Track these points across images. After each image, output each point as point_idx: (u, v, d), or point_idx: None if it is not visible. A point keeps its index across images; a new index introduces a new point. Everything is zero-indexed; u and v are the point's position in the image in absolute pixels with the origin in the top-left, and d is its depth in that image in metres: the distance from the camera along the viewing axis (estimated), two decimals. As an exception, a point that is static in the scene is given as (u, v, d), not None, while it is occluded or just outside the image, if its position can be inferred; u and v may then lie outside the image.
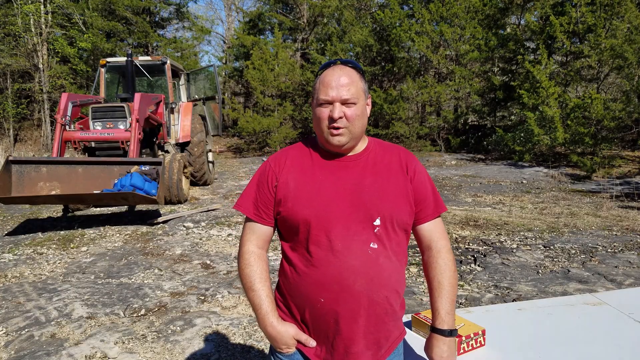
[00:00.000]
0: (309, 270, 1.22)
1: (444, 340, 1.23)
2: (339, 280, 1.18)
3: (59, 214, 6.98)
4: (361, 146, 1.31)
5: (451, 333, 1.24)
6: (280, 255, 1.36)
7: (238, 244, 1.35)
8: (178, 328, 3.15)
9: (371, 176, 1.26)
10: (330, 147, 1.26)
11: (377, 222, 1.22)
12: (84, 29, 18.13)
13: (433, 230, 1.32)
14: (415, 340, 1.48)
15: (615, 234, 5.43)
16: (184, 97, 9.88)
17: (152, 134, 8.03)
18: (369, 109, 1.30)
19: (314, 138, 1.35)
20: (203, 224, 6.15)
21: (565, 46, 12.81)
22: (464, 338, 1.38)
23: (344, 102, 1.21)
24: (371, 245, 1.21)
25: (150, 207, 7.07)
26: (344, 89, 1.20)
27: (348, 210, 1.21)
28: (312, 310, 1.22)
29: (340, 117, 1.20)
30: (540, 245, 5.02)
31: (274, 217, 1.30)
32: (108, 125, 7.08)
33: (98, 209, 7.26)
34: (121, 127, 6.99)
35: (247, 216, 1.31)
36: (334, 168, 1.27)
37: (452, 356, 1.23)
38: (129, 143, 6.46)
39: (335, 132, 1.21)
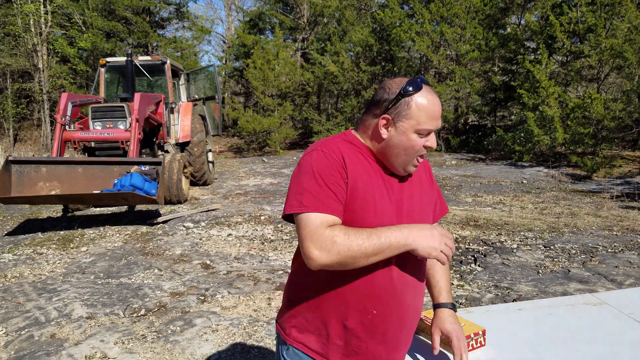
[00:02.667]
0: (362, 282, 1.14)
1: (452, 313, 1.32)
2: (393, 293, 1.16)
3: (59, 214, 6.98)
4: None
5: (454, 307, 1.35)
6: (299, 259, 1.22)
7: (309, 246, 1.04)
8: (178, 328, 3.15)
9: (417, 188, 1.25)
10: (397, 172, 1.20)
11: None
12: (83, 28, 18.13)
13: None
14: (416, 341, 1.48)
15: (616, 234, 5.43)
16: (183, 97, 9.88)
17: (152, 134, 8.02)
18: None
19: (354, 137, 1.22)
20: (203, 224, 6.15)
21: (565, 46, 12.81)
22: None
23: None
24: (418, 257, 1.18)
25: (150, 207, 7.07)
26: (439, 118, 1.17)
27: (403, 221, 1.18)
28: (358, 321, 1.16)
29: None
30: (541, 245, 5.01)
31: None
32: (108, 125, 7.08)
33: (98, 209, 7.26)
34: (121, 127, 6.99)
35: (326, 213, 1.06)
36: (388, 177, 1.20)
37: (460, 327, 1.32)
38: (128, 143, 6.46)
39: (418, 161, 1.18)
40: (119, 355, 2.79)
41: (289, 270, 4.35)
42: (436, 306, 1.34)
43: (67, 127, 6.54)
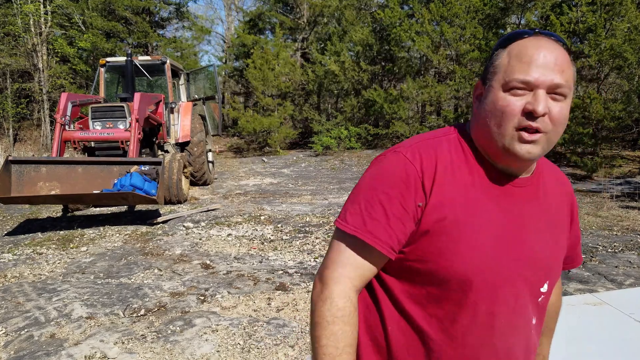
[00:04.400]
0: (448, 348, 0.83)
1: None
2: None
3: (59, 214, 6.97)
4: (533, 165, 0.89)
5: None
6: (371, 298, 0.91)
7: (321, 274, 0.87)
8: (178, 328, 3.14)
9: (542, 214, 0.87)
10: (507, 161, 0.82)
11: (545, 288, 0.89)
12: (83, 28, 18.13)
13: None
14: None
15: (616, 234, 5.43)
16: (183, 97, 9.88)
17: (152, 134, 8.02)
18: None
19: (466, 133, 0.89)
20: (203, 224, 6.15)
21: (565, 46, 12.79)
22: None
23: (553, 90, 0.77)
24: (532, 321, 0.88)
25: (150, 207, 7.07)
26: (557, 69, 0.76)
27: (518, 269, 0.83)
28: None
29: (544, 114, 0.76)
30: (541, 245, 5.01)
31: (400, 249, 0.84)
32: (108, 125, 7.07)
33: (98, 209, 7.25)
34: (121, 127, 6.98)
35: (369, 243, 0.82)
36: (500, 194, 0.84)
37: None
38: (128, 143, 6.46)
39: (528, 136, 0.77)
40: (119, 355, 2.78)
41: (289, 270, 4.32)
42: None
43: (66, 127, 6.54)
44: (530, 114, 0.76)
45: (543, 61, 0.76)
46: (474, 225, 0.81)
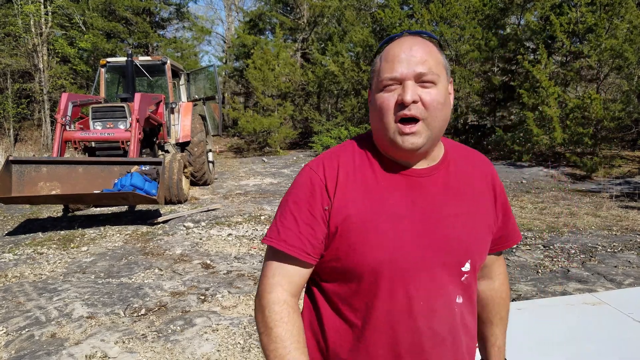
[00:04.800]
0: (373, 336, 0.89)
1: None
2: (418, 352, 0.89)
3: (59, 214, 6.98)
4: (438, 153, 0.95)
5: None
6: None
7: (257, 290, 0.94)
8: (178, 328, 3.15)
9: (456, 199, 0.92)
10: (398, 154, 0.90)
11: (467, 267, 0.92)
12: (84, 29, 18.14)
13: (499, 257, 1.09)
14: None
15: (615, 234, 5.44)
16: (184, 97, 9.89)
17: (152, 134, 8.03)
18: (451, 98, 0.92)
19: (369, 138, 0.97)
20: (203, 223, 6.15)
21: (565, 46, 12.81)
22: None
23: (419, 79, 0.85)
24: (457, 300, 0.92)
25: (151, 207, 7.07)
26: (417, 60, 0.84)
27: (432, 252, 0.88)
28: None
29: (415, 102, 0.84)
30: (540, 245, 5.02)
31: (319, 253, 0.91)
32: (108, 125, 7.08)
33: (98, 208, 7.26)
34: (121, 127, 6.99)
35: (283, 251, 0.90)
36: (405, 186, 0.90)
37: None
38: (129, 143, 6.46)
39: (407, 128, 0.85)
40: (120, 355, 2.79)
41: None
42: None
43: (67, 127, 6.54)
44: (402, 104, 0.84)
45: (405, 56, 0.85)
46: (379, 219, 0.87)
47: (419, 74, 0.84)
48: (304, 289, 1.00)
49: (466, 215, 0.93)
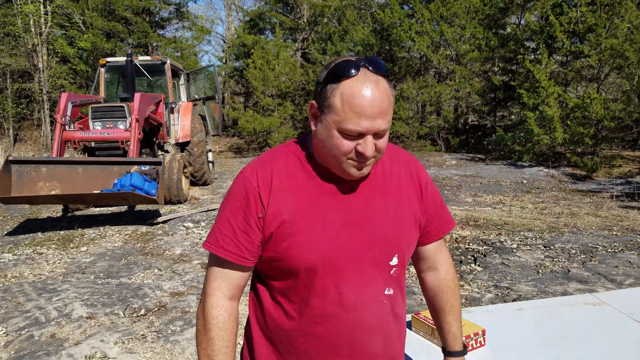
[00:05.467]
0: (309, 328, 0.96)
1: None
2: (350, 341, 0.96)
3: (59, 214, 6.98)
4: None
5: (465, 349, 1.19)
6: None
7: (202, 291, 1.01)
8: (178, 328, 3.15)
9: (382, 198, 0.99)
10: (343, 175, 0.94)
11: (395, 261, 0.99)
12: (83, 29, 18.14)
13: (440, 247, 1.14)
14: (415, 340, 1.48)
15: (616, 234, 5.43)
16: (183, 97, 9.88)
17: (152, 134, 8.02)
18: None
19: (303, 142, 1.01)
20: (203, 224, 6.15)
21: (565, 46, 12.81)
22: (464, 338, 1.37)
23: (377, 133, 0.88)
24: (386, 292, 0.99)
25: (150, 207, 7.07)
26: (381, 116, 0.86)
27: (361, 250, 0.95)
28: None
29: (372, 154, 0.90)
30: (541, 245, 5.01)
31: (257, 255, 0.97)
32: (108, 125, 7.08)
33: (98, 209, 7.26)
34: (121, 127, 6.99)
35: (221, 257, 0.95)
36: (336, 189, 0.96)
37: None
38: (128, 143, 6.46)
39: (359, 164, 0.91)
40: (119, 355, 2.79)
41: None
42: (449, 354, 1.17)
43: (67, 127, 6.54)
44: (360, 154, 0.89)
45: (370, 112, 0.85)
46: (311, 222, 0.93)
47: (381, 130, 0.88)
48: (249, 285, 1.07)
49: (392, 212, 0.99)
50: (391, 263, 0.99)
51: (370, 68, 0.87)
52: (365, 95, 0.85)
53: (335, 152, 0.90)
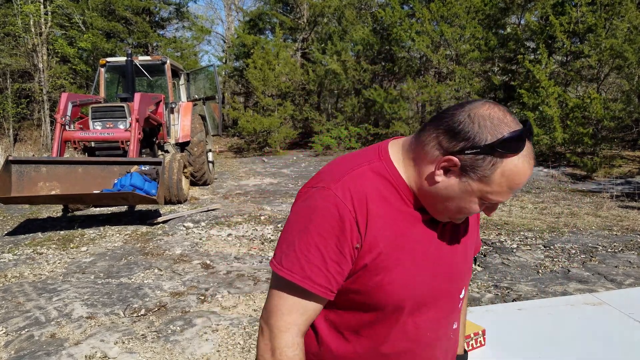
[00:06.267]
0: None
1: None
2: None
3: (59, 214, 6.98)
4: None
5: (466, 353, 1.19)
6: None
7: (268, 322, 0.86)
8: (178, 328, 3.15)
9: (455, 229, 0.93)
10: (438, 219, 0.88)
11: (462, 293, 0.96)
12: (83, 29, 18.14)
13: None
14: None
15: (616, 234, 5.43)
16: (183, 97, 9.88)
17: (152, 134, 8.03)
18: None
19: (389, 162, 0.87)
20: (203, 224, 6.15)
21: (565, 46, 12.80)
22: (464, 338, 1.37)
23: None
24: (454, 326, 0.96)
25: (150, 207, 7.07)
26: None
27: (441, 285, 0.89)
28: None
29: None
30: (541, 245, 5.01)
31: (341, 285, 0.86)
32: (108, 125, 7.08)
33: (98, 209, 7.26)
34: (121, 127, 6.99)
35: (305, 288, 0.82)
36: (427, 220, 0.88)
37: None
38: (128, 143, 6.46)
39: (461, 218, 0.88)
40: (119, 355, 2.79)
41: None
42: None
43: (67, 127, 6.54)
44: (472, 213, 0.85)
45: (521, 185, 0.81)
46: (405, 254, 0.84)
47: None
48: None
49: (462, 244, 0.93)
50: (460, 296, 0.95)
51: (530, 138, 0.79)
52: (527, 172, 0.79)
53: (462, 212, 0.83)
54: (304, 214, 0.83)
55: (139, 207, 7.16)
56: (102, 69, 8.73)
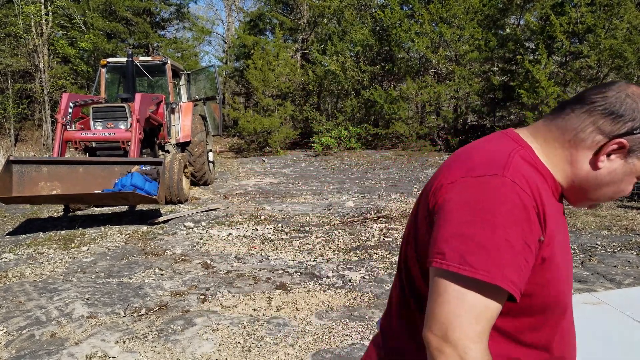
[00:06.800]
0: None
1: None
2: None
3: (60, 214, 6.99)
4: None
5: None
6: None
7: (448, 336, 0.69)
8: (178, 327, 3.16)
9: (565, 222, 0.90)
10: (572, 204, 0.87)
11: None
12: (84, 29, 18.16)
13: None
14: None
15: (615, 234, 5.44)
16: (184, 97, 9.90)
17: (153, 134, 8.04)
18: None
19: (532, 152, 0.82)
20: (203, 223, 6.16)
21: (564, 46, 12.82)
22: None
23: None
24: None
25: (151, 207, 7.08)
26: None
27: (571, 285, 0.87)
28: None
29: None
30: (540, 245, 5.02)
31: None
32: (109, 125, 7.09)
33: (99, 208, 7.27)
34: (122, 127, 7.00)
35: (504, 288, 0.70)
36: (562, 210, 0.86)
37: None
38: (129, 143, 6.47)
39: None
40: (120, 355, 2.80)
41: (289, 270, 4.30)
42: None
43: (68, 127, 6.55)
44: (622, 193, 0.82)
45: None
46: (561, 250, 0.80)
47: None
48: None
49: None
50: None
51: None
52: None
53: (614, 194, 0.80)
54: (480, 204, 0.72)
55: (139, 207, 7.17)
56: (103, 70, 8.75)
